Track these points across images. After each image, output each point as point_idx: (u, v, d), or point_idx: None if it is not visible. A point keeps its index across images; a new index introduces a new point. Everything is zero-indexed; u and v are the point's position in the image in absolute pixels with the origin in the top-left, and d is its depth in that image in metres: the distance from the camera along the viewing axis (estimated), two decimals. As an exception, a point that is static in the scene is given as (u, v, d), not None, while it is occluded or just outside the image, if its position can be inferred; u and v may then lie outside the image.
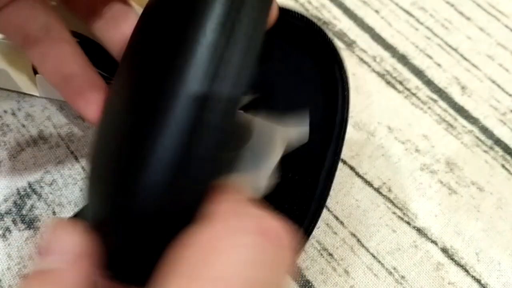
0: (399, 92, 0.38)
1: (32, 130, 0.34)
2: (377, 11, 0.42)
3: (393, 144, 0.36)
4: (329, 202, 0.33)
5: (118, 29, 0.24)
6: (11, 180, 0.32)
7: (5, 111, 0.34)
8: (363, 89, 0.38)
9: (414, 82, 0.39)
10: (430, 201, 0.34)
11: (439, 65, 0.40)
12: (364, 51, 0.40)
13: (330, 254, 0.31)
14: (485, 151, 0.36)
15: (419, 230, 0.32)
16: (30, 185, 0.32)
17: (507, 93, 0.39)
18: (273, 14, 0.19)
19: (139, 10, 0.25)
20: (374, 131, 0.36)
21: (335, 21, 0.41)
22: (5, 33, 0.25)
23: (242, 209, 0.17)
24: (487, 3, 0.44)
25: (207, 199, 0.17)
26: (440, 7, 0.43)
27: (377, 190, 0.34)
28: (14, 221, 0.31)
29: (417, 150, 0.36)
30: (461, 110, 0.38)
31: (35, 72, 0.33)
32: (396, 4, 0.43)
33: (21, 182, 0.32)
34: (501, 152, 0.36)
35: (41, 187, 0.32)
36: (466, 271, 0.31)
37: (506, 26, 0.43)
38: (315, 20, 0.26)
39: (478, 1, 0.44)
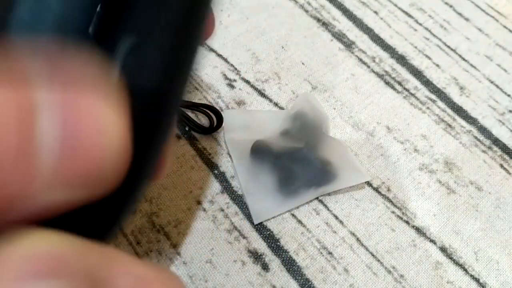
0: (398, 92, 0.38)
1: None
2: (376, 12, 0.43)
3: (392, 144, 0.36)
4: (329, 201, 0.33)
5: None
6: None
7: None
8: (362, 89, 0.38)
9: (413, 82, 0.39)
10: (428, 200, 0.34)
11: (437, 65, 0.40)
12: (363, 52, 0.40)
13: (330, 253, 0.31)
14: (483, 151, 0.36)
15: (418, 229, 0.33)
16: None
17: (505, 93, 0.39)
18: None
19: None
20: (373, 131, 0.36)
21: (335, 22, 0.42)
22: None
23: None
24: (485, 4, 0.44)
25: None
26: (439, 8, 0.44)
27: (376, 189, 0.34)
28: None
29: (416, 150, 0.36)
30: (459, 110, 0.38)
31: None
32: (395, 5, 0.43)
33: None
34: (499, 152, 0.36)
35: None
36: (465, 270, 0.31)
37: (505, 27, 0.43)
38: None
39: (477, 2, 0.44)
